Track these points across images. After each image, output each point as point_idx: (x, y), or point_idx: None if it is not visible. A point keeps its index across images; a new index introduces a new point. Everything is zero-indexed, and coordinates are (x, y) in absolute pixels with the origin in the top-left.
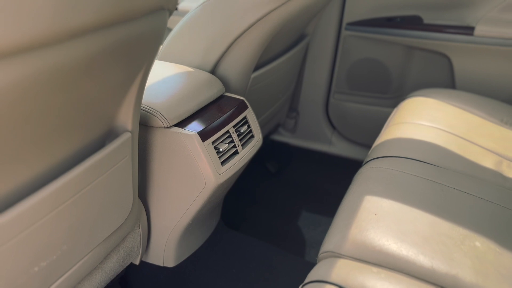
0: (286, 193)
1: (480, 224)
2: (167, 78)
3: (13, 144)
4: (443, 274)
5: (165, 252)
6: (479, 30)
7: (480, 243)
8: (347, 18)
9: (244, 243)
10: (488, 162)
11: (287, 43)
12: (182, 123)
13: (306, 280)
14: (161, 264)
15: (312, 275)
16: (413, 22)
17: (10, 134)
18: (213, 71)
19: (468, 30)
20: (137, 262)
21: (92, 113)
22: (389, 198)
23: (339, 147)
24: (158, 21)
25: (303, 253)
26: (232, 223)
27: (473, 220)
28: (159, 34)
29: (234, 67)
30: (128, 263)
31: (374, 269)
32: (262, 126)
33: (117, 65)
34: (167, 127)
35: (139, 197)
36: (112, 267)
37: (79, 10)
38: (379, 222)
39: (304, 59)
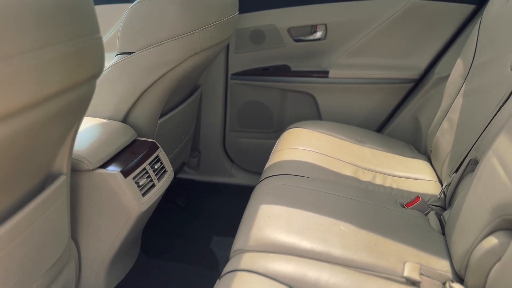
0: (196, 223)
1: (343, 213)
2: (86, 129)
3: None
4: (319, 251)
5: (95, 282)
6: (332, 73)
7: (344, 227)
8: (231, 70)
9: (164, 269)
10: (348, 171)
11: (185, 93)
12: (105, 165)
13: (222, 274)
14: None
15: (226, 268)
16: (283, 70)
17: None
18: (124, 120)
19: (325, 73)
20: None
21: (35, 163)
22: (278, 204)
23: (239, 177)
24: (92, 86)
25: (217, 269)
26: (151, 253)
27: (338, 212)
28: (91, 95)
29: (142, 116)
30: None
31: (272, 255)
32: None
33: (60, 123)
34: (92, 170)
35: (71, 233)
36: None
37: (48, 82)
38: (272, 222)
39: (200, 105)
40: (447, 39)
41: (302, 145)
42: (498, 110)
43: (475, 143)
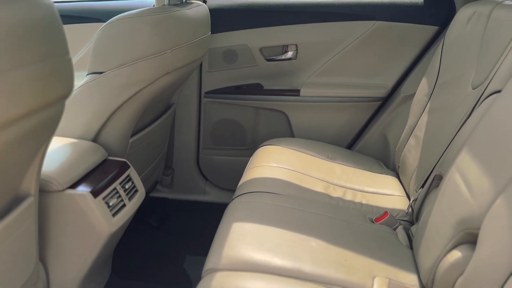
0: (169, 242)
1: (314, 230)
2: (55, 149)
3: None
4: (290, 268)
5: None
6: (303, 91)
7: (314, 243)
8: (205, 88)
9: None
10: (319, 187)
11: (158, 111)
12: (74, 186)
13: None
14: None
15: None
16: (256, 88)
17: None
18: (95, 140)
19: (296, 92)
20: None
21: (1, 184)
22: (250, 222)
23: (213, 195)
24: (61, 107)
25: None
26: (123, 274)
27: (309, 228)
28: (60, 116)
29: (113, 135)
30: None
31: (243, 274)
32: (142, 183)
33: (28, 144)
34: (61, 190)
35: (40, 255)
36: None
37: (17, 104)
38: (243, 240)
39: (173, 123)
40: (412, 59)
41: (275, 163)
42: (460, 127)
43: (439, 159)
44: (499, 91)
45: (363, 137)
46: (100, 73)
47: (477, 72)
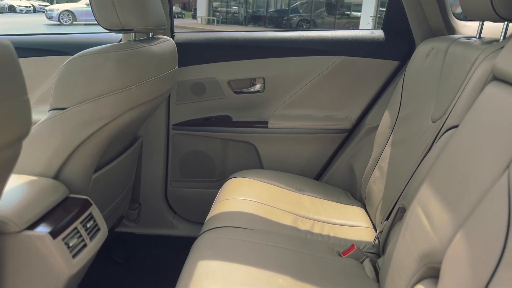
0: (136, 280)
1: (282, 266)
2: (13, 188)
3: None
4: None
5: None
6: (271, 123)
7: (282, 280)
8: (173, 120)
9: None
10: (287, 220)
11: (123, 145)
12: (33, 226)
13: None
14: None
15: None
16: (224, 120)
17: None
18: (56, 177)
19: (264, 124)
20: None
21: None
22: (216, 259)
23: (181, 229)
24: (18, 148)
25: None
26: None
27: (277, 264)
28: (17, 156)
29: (76, 171)
30: None
31: None
32: (106, 219)
33: None
34: (19, 232)
35: None
36: None
37: None
38: (209, 279)
39: (140, 156)
40: (375, 92)
41: (243, 195)
42: (421, 160)
43: (402, 191)
44: (456, 126)
45: (331, 168)
46: (63, 109)
47: (437, 106)
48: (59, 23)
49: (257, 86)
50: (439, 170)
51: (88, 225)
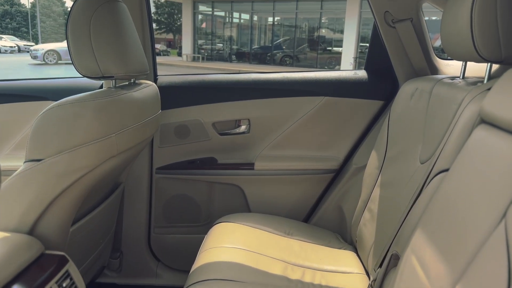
0: None
1: None
2: None
3: None
4: None
5: None
6: (257, 165)
7: None
8: (156, 164)
9: None
10: (277, 269)
11: (103, 193)
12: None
13: None
14: None
15: None
16: (209, 163)
17: None
18: (31, 232)
19: (251, 165)
20: None
21: None
22: None
23: (165, 278)
24: None
25: None
26: None
27: None
28: None
29: (52, 225)
30: None
31: None
32: (86, 272)
33: None
34: None
35: None
36: None
37: None
38: None
39: (121, 203)
40: (361, 132)
41: (230, 243)
42: (413, 204)
43: (394, 237)
44: (446, 170)
45: (319, 210)
46: (38, 160)
47: (424, 147)
48: (43, 62)
49: (242, 127)
50: (432, 217)
51: (64, 284)
